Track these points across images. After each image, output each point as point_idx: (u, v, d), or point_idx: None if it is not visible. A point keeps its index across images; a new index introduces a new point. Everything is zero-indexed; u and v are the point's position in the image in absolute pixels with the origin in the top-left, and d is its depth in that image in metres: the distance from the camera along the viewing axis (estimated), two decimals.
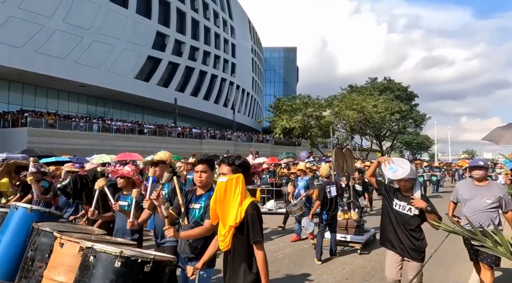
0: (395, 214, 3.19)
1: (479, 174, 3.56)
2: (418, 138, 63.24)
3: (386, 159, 3.16)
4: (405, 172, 3.00)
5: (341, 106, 28.45)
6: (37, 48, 23.49)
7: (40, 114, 23.82)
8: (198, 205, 2.64)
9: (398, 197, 3.21)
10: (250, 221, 2.09)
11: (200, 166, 2.63)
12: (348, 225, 6.13)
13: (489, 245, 1.16)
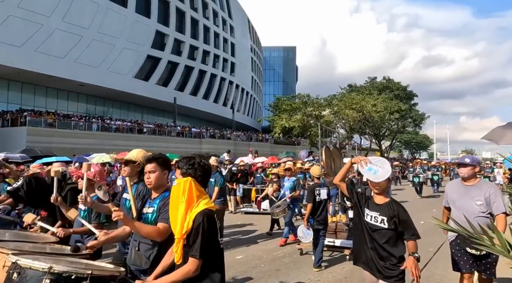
0: (367, 226, 2.63)
1: (463, 172, 3.20)
2: (417, 137, 63.33)
3: (362, 159, 2.62)
4: (386, 173, 2.54)
5: (341, 106, 28.48)
6: (36, 47, 23.45)
7: (39, 114, 23.79)
8: (151, 208, 2.36)
9: (369, 205, 2.65)
10: (194, 231, 1.82)
11: (149, 165, 2.36)
12: (337, 228, 5.75)
13: (487, 243, 1.18)
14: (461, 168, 3.22)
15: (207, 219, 1.84)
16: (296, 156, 20.98)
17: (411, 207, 11.05)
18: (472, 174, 3.19)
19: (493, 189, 3.15)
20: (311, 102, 28.77)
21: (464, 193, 3.22)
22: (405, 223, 2.56)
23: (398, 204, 2.62)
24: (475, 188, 3.18)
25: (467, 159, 3.26)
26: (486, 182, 3.43)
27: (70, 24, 25.25)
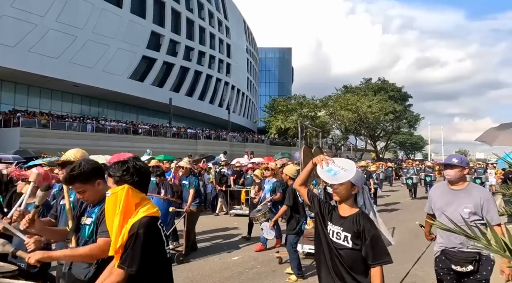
0: (329, 243, 2.09)
1: (450, 174, 2.74)
2: (412, 138, 63.88)
3: (324, 159, 2.12)
4: (348, 174, 2.02)
5: (336, 107, 28.65)
6: (30, 47, 23.23)
7: (33, 115, 23.56)
8: (89, 219, 2.01)
9: (332, 218, 2.12)
10: (127, 241, 1.59)
11: (73, 186, 1.98)
12: None
13: (483, 243, 1.19)
14: (447, 170, 2.76)
15: (145, 227, 1.61)
16: (292, 156, 20.99)
17: (404, 208, 11.09)
18: (460, 176, 2.74)
19: (486, 195, 2.69)
20: (306, 103, 28.90)
21: (450, 199, 2.75)
22: (370, 242, 1.96)
23: (366, 217, 2.06)
24: (464, 193, 2.72)
25: (454, 159, 2.77)
26: (476, 186, 2.90)
27: (65, 24, 25.06)
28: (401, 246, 6.42)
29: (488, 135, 4.06)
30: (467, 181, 2.81)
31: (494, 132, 3.94)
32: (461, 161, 2.76)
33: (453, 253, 2.71)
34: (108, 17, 28.37)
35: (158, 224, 1.70)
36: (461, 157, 2.83)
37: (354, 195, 2.10)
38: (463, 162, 2.77)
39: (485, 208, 2.61)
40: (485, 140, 4.02)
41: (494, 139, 3.78)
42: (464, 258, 2.66)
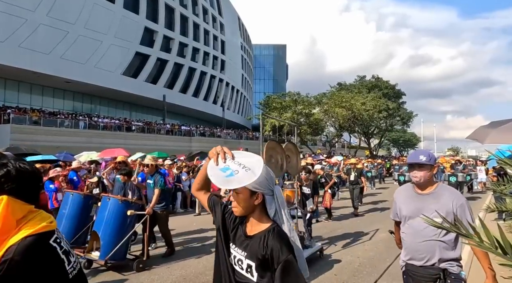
0: (230, 274, 1.48)
1: (418, 176, 2.22)
2: (405, 135, 64.44)
3: (221, 151, 1.47)
4: (248, 177, 1.36)
5: (330, 104, 28.73)
6: (20, 42, 22.81)
7: (23, 111, 23.18)
8: None
9: (236, 238, 1.49)
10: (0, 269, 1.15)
11: None
12: None
13: (475, 240, 1.18)
14: (414, 171, 2.22)
15: (25, 251, 1.20)
16: None
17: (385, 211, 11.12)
18: (430, 177, 2.24)
19: (459, 199, 2.17)
20: (301, 100, 28.92)
21: (416, 206, 2.24)
22: (280, 273, 1.32)
23: (278, 235, 1.39)
24: (433, 197, 2.20)
25: (422, 156, 2.23)
26: (447, 188, 2.29)
27: (55, 19, 24.63)
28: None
29: (479, 133, 4.04)
30: (435, 182, 2.31)
31: (485, 130, 3.94)
32: (429, 158, 2.21)
33: (415, 268, 2.24)
34: (100, 12, 27.96)
35: (50, 242, 1.27)
36: (428, 153, 2.26)
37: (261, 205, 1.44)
38: (432, 159, 2.23)
39: (458, 215, 2.09)
40: (476, 138, 4.01)
41: (485, 137, 3.75)
42: (426, 276, 2.21)
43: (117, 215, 4.82)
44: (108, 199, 5.03)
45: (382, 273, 4.57)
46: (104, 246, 4.67)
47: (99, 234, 4.72)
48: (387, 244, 6.24)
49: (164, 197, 5.49)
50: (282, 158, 4.87)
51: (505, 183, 4.67)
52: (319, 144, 42.22)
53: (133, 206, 4.98)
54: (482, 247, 1.15)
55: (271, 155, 4.68)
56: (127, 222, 4.89)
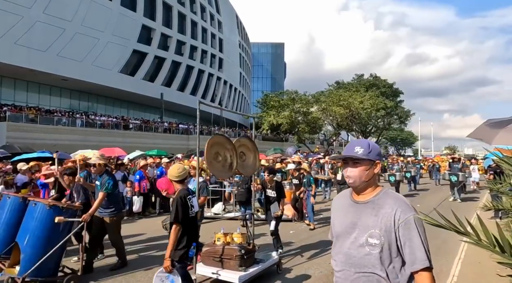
0: None
1: (352, 176, 1.58)
2: (403, 134, 64.67)
3: None
4: None
5: (328, 102, 28.74)
6: (16, 39, 22.63)
7: (19, 109, 23.05)
8: None
9: None
10: None
11: None
12: (225, 253, 3.94)
13: (474, 239, 1.17)
14: (348, 167, 1.59)
15: None
16: (284, 152, 21.05)
17: None
18: (369, 178, 1.57)
19: (404, 212, 1.47)
20: (299, 99, 28.91)
21: (351, 220, 1.57)
22: None
23: None
24: (371, 207, 1.54)
25: (358, 147, 1.57)
26: (392, 195, 1.59)
27: (52, 16, 24.46)
28: None
29: (483, 133, 3.82)
30: (379, 186, 1.61)
31: (489, 130, 3.72)
32: (368, 151, 1.55)
33: None
34: (97, 9, 27.79)
35: None
36: (368, 144, 1.59)
37: None
38: (373, 152, 1.57)
39: (402, 236, 1.44)
40: (481, 138, 3.80)
41: (492, 137, 3.53)
42: None
43: (45, 222, 3.99)
44: (8, 197, 4.52)
45: None
46: (25, 260, 3.85)
47: (20, 245, 3.95)
48: None
49: (114, 201, 4.84)
50: (233, 155, 4.22)
51: (501, 182, 4.67)
52: (317, 142, 42.27)
53: (66, 212, 4.16)
54: (480, 245, 1.15)
55: (217, 152, 4.06)
56: (57, 230, 4.04)
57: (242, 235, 4.22)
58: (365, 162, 1.57)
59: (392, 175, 12.70)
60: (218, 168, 4.12)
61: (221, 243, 4.12)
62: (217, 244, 4.09)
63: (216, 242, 4.13)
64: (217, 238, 4.12)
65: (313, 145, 36.98)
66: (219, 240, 4.12)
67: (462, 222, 1.24)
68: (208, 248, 4.07)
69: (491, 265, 4.51)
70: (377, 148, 1.63)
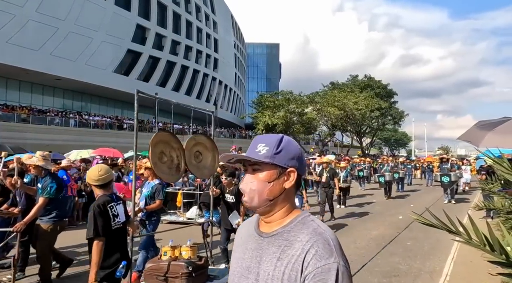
0: None
1: (246, 190, 0.97)
2: (396, 135, 65.23)
3: None
4: None
5: (323, 103, 28.89)
6: (8, 38, 22.34)
7: (11, 108, 22.76)
8: None
9: None
10: None
11: None
12: (170, 271, 3.22)
13: (465, 238, 1.19)
14: (246, 175, 0.99)
15: None
16: None
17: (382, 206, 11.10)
18: (272, 193, 0.95)
19: (317, 253, 0.87)
20: (294, 99, 28.99)
21: (249, 260, 0.97)
22: None
23: None
24: (276, 246, 0.93)
25: (262, 145, 0.95)
26: (309, 225, 0.94)
27: (45, 15, 24.19)
28: (382, 241, 6.55)
29: (472, 135, 3.88)
30: (296, 209, 1.01)
31: (478, 132, 3.77)
32: (274, 151, 0.95)
33: None
34: (91, 8, 27.55)
35: None
36: (279, 141, 0.97)
37: None
38: (283, 153, 0.96)
39: None
40: (469, 140, 3.86)
41: (480, 140, 3.55)
42: None
43: None
44: None
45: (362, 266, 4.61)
46: None
47: None
48: (379, 242, 6.31)
49: (56, 207, 4.16)
50: (180, 155, 3.66)
51: (493, 182, 4.73)
52: (312, 143, 42.43)
53: None
54: (470, 244, 1.16)
55: (162, 151, 3.53)
56: None
57: (191, 248, 3.44)
58: (268, 167, 0.95)
59: (381, 175, 12.43)
60: (164, 169, 3.56)
61: (168, 258, 3.34)
62: (162, 260, 3.31)
63: (162, 257, 3.35)
64: (164, 252, 3.35)
65: (308, 145, 37.09)
66: (165, 255, 3.35)
67: (454, 222, 1.26)
68: (152, 265, 3.33)
69: (483, 264, 4.57)
70: (293, 148, 0.98)
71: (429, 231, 7.04)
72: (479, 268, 4.60)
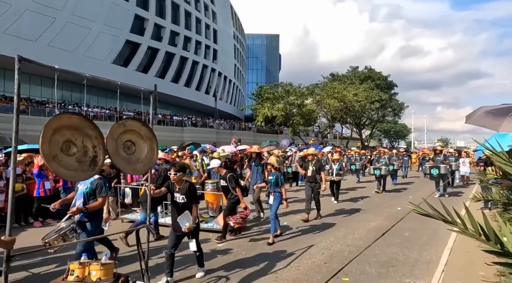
0: None
1: None
2: (396, 126, 65.12)
3: None
4: None
5: (323, 95, 28.75)
6: (5, 29, 22.10)
7: (10, 100, 22.66)
8: None
9: None
10: None
11: None
12: None
13: (460, 228, 1.20)
14: None
15: None
16: (279, 144, 21.08)
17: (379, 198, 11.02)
18: None
19: None
20: (293, 91, 28.84)
21: None
22: None
23: None
24: None
25: None
26: None
27: (42, 5, 23.86)
28: (379, 232, 6.61)
29: (485, 120, 3.73)
30: None
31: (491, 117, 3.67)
32: None
33: None
34: None
35: None
36: None
37: None
38: None
39: None
40: (484, 125, 3.74)
41: (498, 125, 3.47)
42: None
43: None
44: None
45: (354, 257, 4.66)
46: None
47: None
48: (377, 233, 6.37)
49: None
50: (98, 146, 2.90)
51: (492, 173, 4.75)
52: (312, 134, 42.43)
53: None
54: (466, 233, 1.18)
55: (70, 140, 2.76)
56: None
57: (104, 267, 2.79)
58: None
59: (377, 168, 12.01)
60: (70, 164, 2.73)
61: (74, 278, 2.72)
62: (68, 280, 2.71)
63: (68, 277, 2.74)
64: (71, 270, 2.76)
65: (308, 137, 37.10)
66: (72, 274, 2.74)
67: (450, 212, 1.28)
68: None
69: (479, 255, 4.63)
70: None
71: (426, 222, 7.10)
72: (475, 258, 4.66)
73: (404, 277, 4.26)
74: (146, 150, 3.40)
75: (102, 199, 4.00)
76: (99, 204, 3.98)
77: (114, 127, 3.19)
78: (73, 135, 2.80)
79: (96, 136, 2.92)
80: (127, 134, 3.30)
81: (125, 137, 3.27)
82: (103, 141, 2.97)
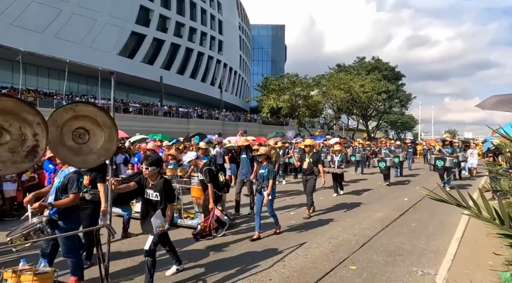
0: None
1: None
2: (403, 118, 64.44)
3: None
4: None
5: (329, 86, 28.50)
6: (12, 20, 22.21)
7: (18, 91, 22.88)
8: None
9: None
10: None
11: None
12: None
13: (474, 212, 1.21)
14: None
15: None
16: (285, 135, 21.06)
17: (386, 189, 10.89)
18: None
19: None
20: (299, 82, 28.65)
21: None
22: None
23: None
24: None
25: None
26: None
27: None
28: (386, 222, 6.62)
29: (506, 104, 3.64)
30: None
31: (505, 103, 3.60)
32: None
33: None
34: None
35: None
36: None
37: None
38: None
39: None
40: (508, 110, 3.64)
41: None
42: None
43: None
44: None
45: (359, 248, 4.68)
46: None
47: None
48: (384, 223, 6.39)
49: None
50: (41, 134, 2.44)
51: (501, 163, 4.71)
52: (317, 126, 42.26)
53: None
54: (480, 218, 1.19)
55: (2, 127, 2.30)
56: None
57: (38, 277, 2.41)
58: None
59: (382, 160, 11.32)
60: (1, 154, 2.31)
61: None
62: None
63: None
64: (4, 279, 2.49)
65: (314, 129, 36.97)
66: None
67: (464, 197, 1.29)
68: None
69: (487, 244, 4.64)
70: None
71: (433, 213, 7.10)
72: (483, 248, 4.66)
73: (411, 266, 4.29)
74: (103, 139, 2.91)
75: (74, 195, 3.46)
76: (70, 201, 3.43)
77: (58, 112, 2.68)
78: (6, 120, 2.31)
79: (38, 123, 2.43)
80: (78, 121, 2.79)
81: (75, 124, 2.79)
82: (46, 129, 2.49)
